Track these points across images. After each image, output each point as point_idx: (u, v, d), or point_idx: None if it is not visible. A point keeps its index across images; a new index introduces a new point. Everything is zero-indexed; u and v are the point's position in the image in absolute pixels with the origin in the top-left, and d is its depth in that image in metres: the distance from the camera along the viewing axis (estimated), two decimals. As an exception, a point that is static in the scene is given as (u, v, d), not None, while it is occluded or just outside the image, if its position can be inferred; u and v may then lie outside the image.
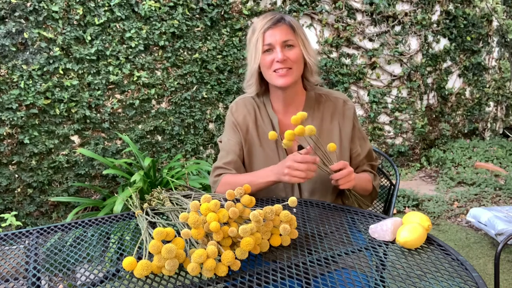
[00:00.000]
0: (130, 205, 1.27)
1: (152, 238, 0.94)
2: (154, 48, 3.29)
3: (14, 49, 2.82)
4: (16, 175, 2.98)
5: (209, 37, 3.45)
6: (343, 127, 1.46)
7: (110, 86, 3.18)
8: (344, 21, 3.98)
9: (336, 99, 1.47)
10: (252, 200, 1.09)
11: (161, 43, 3.25)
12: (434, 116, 4.65)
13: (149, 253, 0.94)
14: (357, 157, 1.49)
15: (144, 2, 3.16)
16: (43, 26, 2.90)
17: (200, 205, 1.00)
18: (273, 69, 1.35)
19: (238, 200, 1.10)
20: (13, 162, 2.95)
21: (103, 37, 3.07)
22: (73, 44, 2.99)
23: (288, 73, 1.35)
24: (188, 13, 3.33)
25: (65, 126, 3.07)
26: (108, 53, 3.09)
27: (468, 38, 4.58)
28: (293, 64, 1.35)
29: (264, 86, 1.46)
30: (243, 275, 0.94)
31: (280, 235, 1.05)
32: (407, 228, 1.03)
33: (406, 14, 4.22)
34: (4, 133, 2.88)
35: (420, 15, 4.26)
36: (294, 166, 1.24)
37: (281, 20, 1.35)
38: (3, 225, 2.62)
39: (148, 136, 3.37)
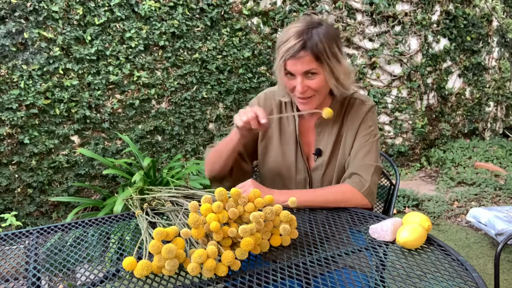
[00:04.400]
0: (130, 205, 1.27)
1: (152, 238, 0.94)
2: (154, 48, 3.29)
3: (14, 49, 2.82)
4: (16, 175, 2.98)
5: (209, 37, 3.45)
6: (354, 126, 1.39)
7: (110, 86, 3.18)
8: (344, 21, 3.98)
9: (355, 100, 1.41)
10: (255, 207, 1.08)
11: (161, 43, 3.25)
12: (434, 116, 4.65)
13: (149, 253, 0.94)
14: (347, 164, 1.38)
15: (144, 2, 3.16)
16: (43, 26, 2.90)
17: (200, 205, 1.00)
18: (295, 94, 1.31)
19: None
20: (13, 162, 2.95)
21: (103, 37, 3.07)
22: (73, 44, 2.99)
23: (310, 100, 1.31)
24: (188, 13, 3.33)
25: (65, 126, 3.07)
26: (108, 53, 3.09)
27: (468, 38, 4.58)
28: (314, 92, 1.29)
29: None
30: (243, 275, 0.94)
31: (280, 235, 1.05)
32: (407, 229, 1.03)
33: (406, 14, 4.22)
34: (4, 133, 2.88)
35: (420, 15, 4.26)
36: (241, 112, 1.26)
37: (304, 47, 1.21)
38: (3, 225, 2.62)
39: (148, 136, 3.37)
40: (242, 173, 1.49)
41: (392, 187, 1.68)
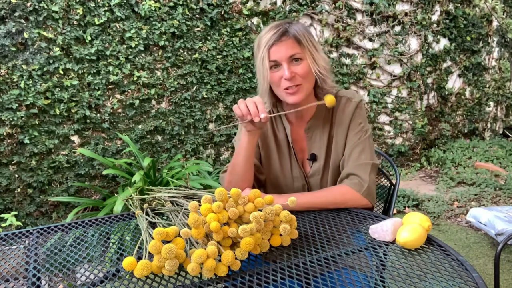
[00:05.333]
0: (130, 205, 1.27)
1: (152, 238, 0.94)
2: (154, 48, 3.29)
3: (14, 49, 2.82)
4: (16, 175, 2.98)
5: (209, 37, 3.45)
6: (343, 125, 1.38)
7: (110, 86, 3.18)
8: (344, 21, 3.98)
9: (341, 98, 1.39)
10: (255, 207, 1.09)
11: (161, 43, 3.25)
12: (434, 116, 4.65)
13: (149, 253, 0.94)
14: (342, 164, 1.36)
15: (144, 2, 3.16)
16: (43, 26, 2.90)
17: (200, 205, 1.00)
18: (282, 87, 1.28)
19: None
20: (13, 162, 2.95)
21: (103, 37, 3.07)
22: (73, 44, 2.99)
23: (298, 89, 1.27)
24: (188, 13, 3.33)
25: (65, 126, 3.07)
26: (108, 53, 3.09)
27: (468, 38, 4.58)
28: (302, 80, 1.27)
29: (277, 97, 1.39)
30: (243, 275, 0.94)
31: (280, 235, 1.05)
32: (407, 229, 1.03)
33: (406, 14, 4.22)
34: (4, 133, 2.88)
35: (420, 15, 4.26)
36: (241, 102, 1.23)
37: (285, 33, 1.25)
38: (3, 225, 2.62)
39: (148, 136, 3.37)
40: (259, 187, 1.48)
41: (392, 187, 1.68)
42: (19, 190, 3.00)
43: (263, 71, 1.29)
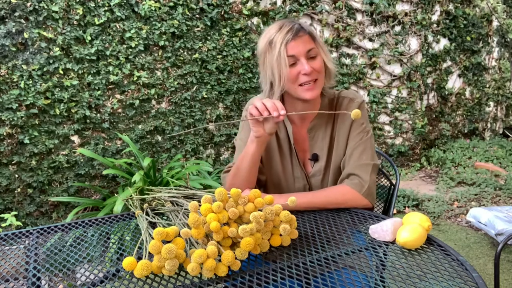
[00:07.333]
0: (130, 205, 1.27)
1: (152, 238, 0.94)
2: (154, 48, 3.29)
3: (14, 49, 2.82)
4: (16, 175, 2.98)
5: (209, 37, 3.45)
6: (345, 125, 1.38)
7: (110, 86, 3.18)
8: (344, 21, 3.98)
9: (343, 99, 1.40)
10: (255, 207, 1.09)
11: (161, 43, 3.25)
12: (434, 116, 4.65)
13: (149, 253, 0.94)
14: (343, 164, 1.37)
15: (144, 2, 3.16)
16: (43, 26, 2.90)
17: (200, 205, 1.00)
18: (299, 82, 1.28)
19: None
20: (13, 162, 2.95)
21: (103, 37, 3.07)
22: (73, 44, 2.99)
23: (315, 85, 1.29)
24: (188, 13, 3.33)
25: (65, 126, 3.07)
26: (108, 53, 3.09)
27: (468, 38, 4.58)
28: (318, 75, 1.29)
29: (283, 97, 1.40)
30: (243, 275, 0.94)
31: (280, 235, 1.05)
32: (407, 229, 1.03)
33: (406, 14, 4.22)
34: (4, 133, 2.88)
35: (420, 15, 4.26)
36: (256, 102, 1.22)
37: (301, 29, 1.27)
38: (3, 225, 2.62)
39: (148, 136, 3.37)
40: (259, 187, 1.48)
41: (392, 187, 1.68)
42: (19, 190, 3.00)
43: (280, 68, 1.27)
